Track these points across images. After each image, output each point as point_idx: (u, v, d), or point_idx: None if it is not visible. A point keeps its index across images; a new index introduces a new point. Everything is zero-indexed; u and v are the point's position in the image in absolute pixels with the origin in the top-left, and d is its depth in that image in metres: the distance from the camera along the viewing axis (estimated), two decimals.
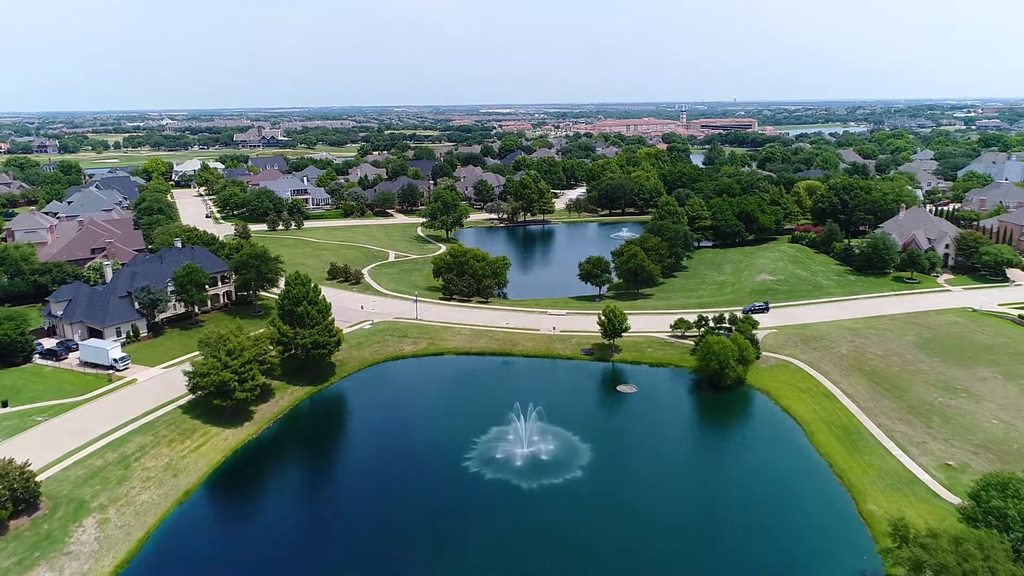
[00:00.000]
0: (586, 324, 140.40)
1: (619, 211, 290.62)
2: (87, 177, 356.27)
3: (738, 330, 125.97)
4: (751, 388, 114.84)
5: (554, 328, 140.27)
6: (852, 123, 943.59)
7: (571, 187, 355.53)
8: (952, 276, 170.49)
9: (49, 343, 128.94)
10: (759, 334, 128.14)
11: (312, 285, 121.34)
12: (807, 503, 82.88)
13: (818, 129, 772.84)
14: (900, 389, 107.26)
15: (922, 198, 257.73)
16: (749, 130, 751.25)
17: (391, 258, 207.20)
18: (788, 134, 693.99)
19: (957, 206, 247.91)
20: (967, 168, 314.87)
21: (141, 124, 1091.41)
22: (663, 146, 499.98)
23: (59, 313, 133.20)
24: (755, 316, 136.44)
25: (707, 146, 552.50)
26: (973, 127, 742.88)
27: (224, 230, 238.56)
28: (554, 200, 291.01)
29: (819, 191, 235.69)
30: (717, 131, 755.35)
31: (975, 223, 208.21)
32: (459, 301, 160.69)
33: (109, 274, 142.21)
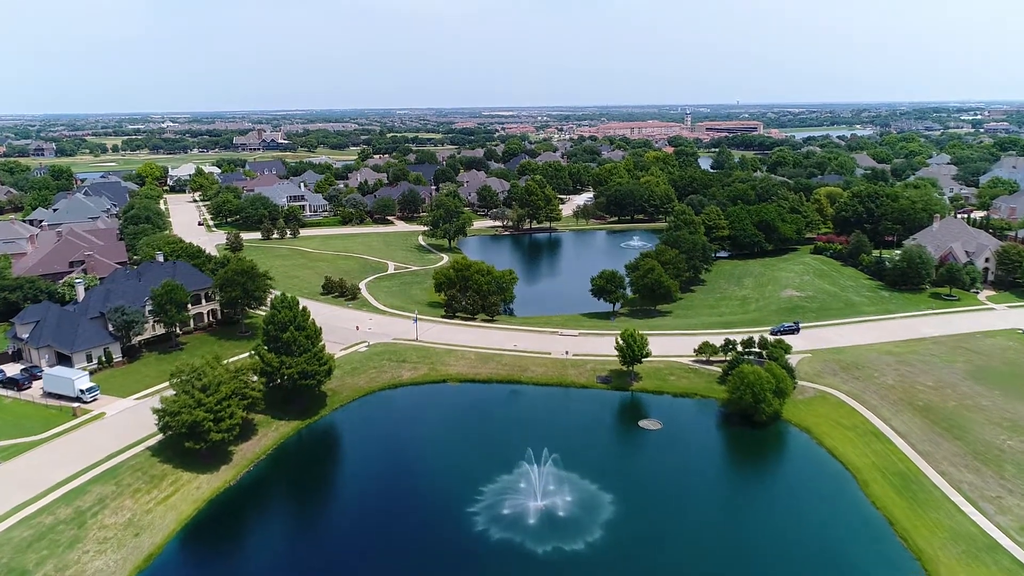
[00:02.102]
0: (601, 346, 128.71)
1: (628, 218, 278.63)
2: (78, 182, 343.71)
3: (771, 356, 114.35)
4: (789, 424, 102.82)
5: (567, 352, 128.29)
6: (858, 126, 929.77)
7: (577, 192, 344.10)
8: (993, 292, 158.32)
9: (13, 370, 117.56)
10: (792, 359, 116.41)
11: (300, 308, 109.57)
12: (870, 574, 70.91)
13: (825, 132, 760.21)
14: (960, 429, 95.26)
15: (949, 206, 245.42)
16: (755, 133, 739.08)
17: (391, 270, 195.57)
18: (794, 137, 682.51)
19: (984, 214, 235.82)
20: (990, 174, 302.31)
21: (141, 127, 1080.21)
22: (669, 149, 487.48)
23: (25, 336, 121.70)
24: (785, 338, 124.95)
25: (714, 149, 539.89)
26: (982, 130, 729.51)
27: (216, 239, 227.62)
28: (560, 207, 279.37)
29: (841, 199, 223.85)
30: (723, 134, 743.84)
31: (1010, 233, 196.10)
32: (463, 319, 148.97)
33: (81, 292, 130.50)
